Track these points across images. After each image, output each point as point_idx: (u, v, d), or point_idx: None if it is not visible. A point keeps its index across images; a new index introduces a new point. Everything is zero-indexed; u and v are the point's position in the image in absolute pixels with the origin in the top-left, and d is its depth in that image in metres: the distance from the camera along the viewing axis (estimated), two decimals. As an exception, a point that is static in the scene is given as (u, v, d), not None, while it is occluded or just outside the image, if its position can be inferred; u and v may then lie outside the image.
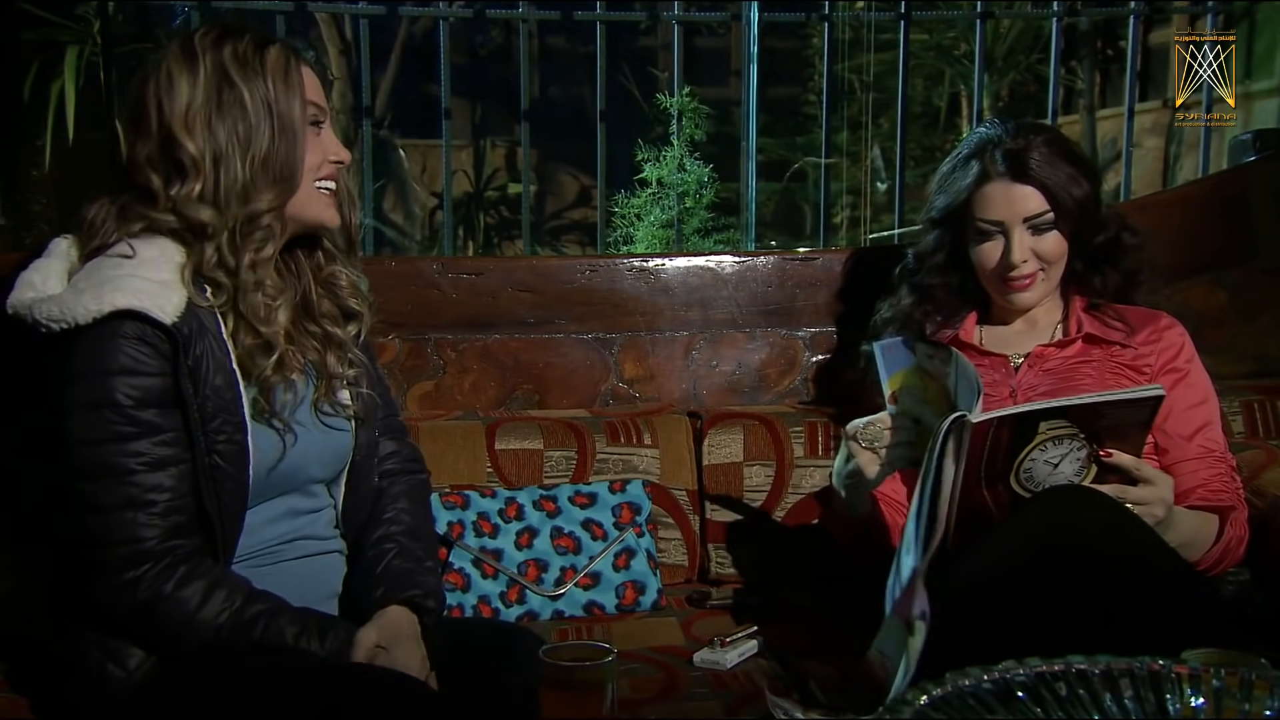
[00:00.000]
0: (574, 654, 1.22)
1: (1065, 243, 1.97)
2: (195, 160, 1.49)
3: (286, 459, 1.54)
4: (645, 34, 10.57)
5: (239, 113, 1.50)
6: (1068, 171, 1.96)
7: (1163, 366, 1.98)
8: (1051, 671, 0.96)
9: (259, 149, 1.51)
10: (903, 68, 3.24)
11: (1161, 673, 0.95)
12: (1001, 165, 1.95)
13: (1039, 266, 1.96)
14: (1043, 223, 1.94)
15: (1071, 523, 1.55)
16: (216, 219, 1.49)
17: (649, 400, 2.43)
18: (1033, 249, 1.95)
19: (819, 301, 2.48)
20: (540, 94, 11.50)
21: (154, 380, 1.43)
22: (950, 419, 1.65)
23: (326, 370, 1.64)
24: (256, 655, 1.45)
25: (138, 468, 1.42)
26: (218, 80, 1.51)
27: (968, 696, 0.92)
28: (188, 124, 1.49)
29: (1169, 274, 2.56)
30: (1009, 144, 1.96)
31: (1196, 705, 0.92)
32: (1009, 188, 1.94)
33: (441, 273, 2.38)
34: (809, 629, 1.97)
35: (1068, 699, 0.94)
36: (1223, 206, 2.64)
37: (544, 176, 11.07)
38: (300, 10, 3.04)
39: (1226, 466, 1.95)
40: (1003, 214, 1.95)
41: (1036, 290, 1.98)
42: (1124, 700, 0.94)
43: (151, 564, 1.42)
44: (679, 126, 3.92)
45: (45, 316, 1.43)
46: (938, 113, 8.54)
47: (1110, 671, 0.96)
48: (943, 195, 2.05)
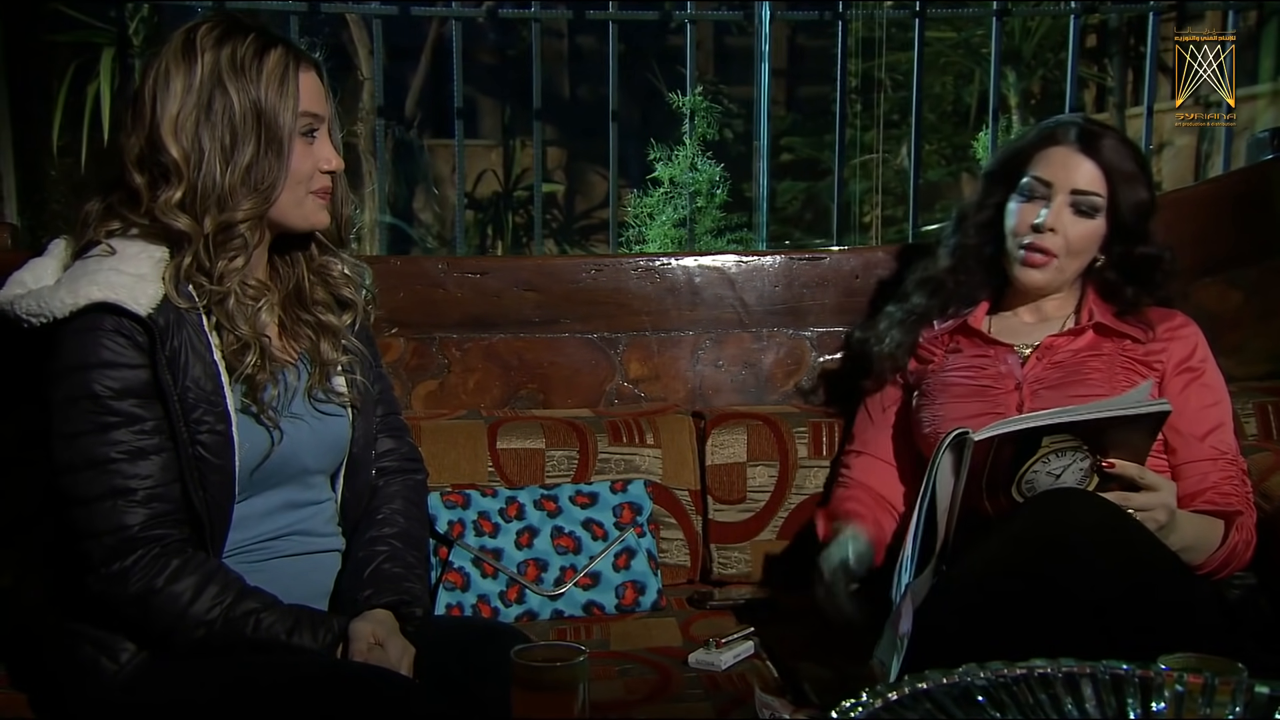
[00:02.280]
0: (546, 655, 1.22)
1: (1101, 239, 1.95)
2: (178, 164, 1.49)
3: (277, 451, 1.55)
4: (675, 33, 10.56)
5: (227, 120, 1.50)
6: (1132, 169, 1.94)
7: (1177, 366, 1.95)
8: (1013, 675, 0.95)
9: (242, 159, 1.51)
10: (917, 65, 3.21)
11: (1124, 677, 0.93)
12: (1074, 135, 1.94)
13: (1061, 248, 1.93)
14: (1088, 204, 1.92)
15: (1063, 524, 1.54)
16: (192, 227, 1.50)
17: (654, 400, 2.42)
18: (1065, 228, 1.92)
19: (826, 301, 2.47)
20: (570, 94, 11.52)
21: (132, 372, 1.45)
22: (950, 435, 1.64)
23: (320, 357, 1.65)
24: (248, 652, 1.47)
25: (118, 457, 1.43)
26: (211, 84, 1.50)
27: (924, 699, 0.91)
28: (175, 127, 1.50)
29: (1184, 273, 2.52)
30: (1085, 125, 1.96)
31: (1157, 709, 0.91)
32: (1071, 154, 1.93)
33: (446, 272, 2.38)
34: (810, 631, 1.96)
35: (1028, 702, 0.93)
36: (1239, 204, 2.59)
37: (573, 176, 11.09)
38: (313, 11, 3.05)
39: (1237, 470, 1.92)
40: (1056, 175, 1.93)
41: (1046, 275, 1.95)
42: (1085, 704, 0.93)
43: (140, 553, 1.44)
44: (691, 125, 3.90)
45: (25, 311, 1.46)
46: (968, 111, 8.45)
47: (1073, 675, 0.94)
48: (1004, 151, 2.06)
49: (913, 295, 2.11)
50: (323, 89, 1.61)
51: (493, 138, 10.84)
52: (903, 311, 2.12)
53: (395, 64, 10.12)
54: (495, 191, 9.84)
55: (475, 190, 10.07)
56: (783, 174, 8.88)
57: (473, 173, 10.76)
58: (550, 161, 11.30)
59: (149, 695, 1.46)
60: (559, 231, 10.55)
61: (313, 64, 1.59)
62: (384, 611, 1.56)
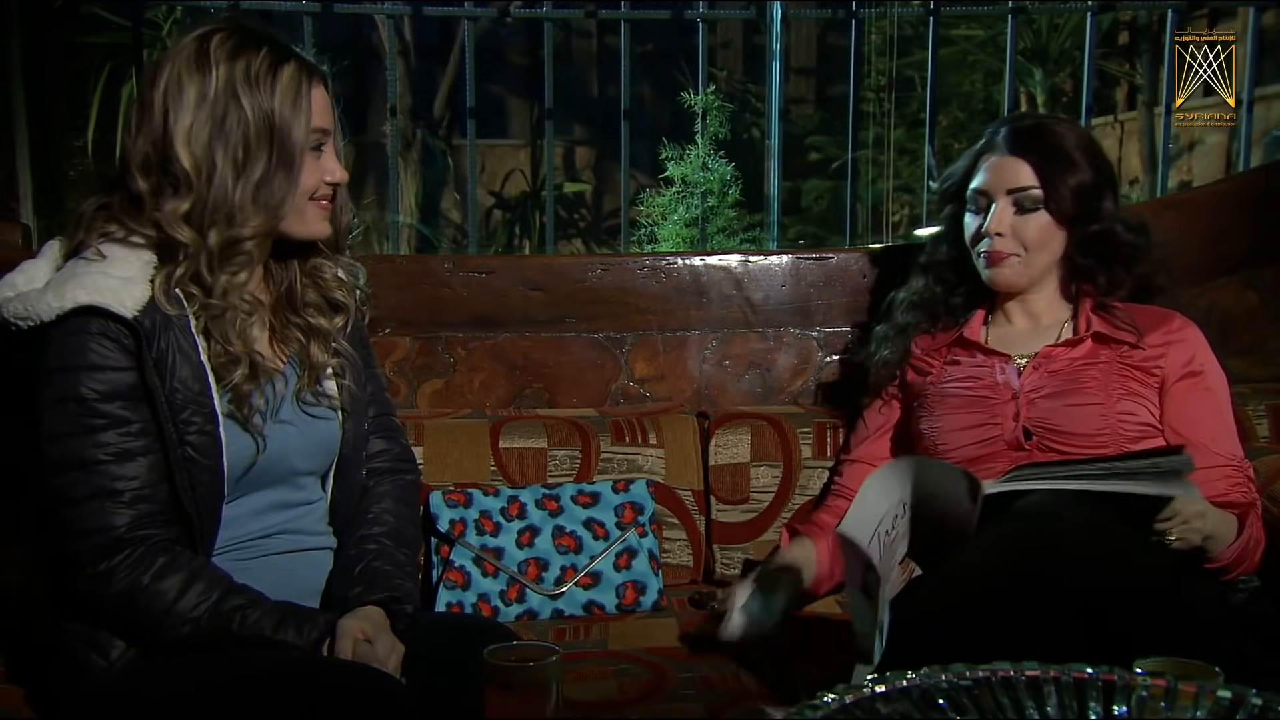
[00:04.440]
0: (519, 655, 1.22)
1: (1056, 230, 1.95)
2: (188, 175, 1.49)
3: (265, 453, 1.56)
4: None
5: (240, 135, 1.50)
6: (1069, 155, 1.94)
7: (1178, 371, 1.93)
8: (975, 677, 0.94)
9: (254, 174, 1.51)
10: (931, 63, 3.19)
11: (1087, 680, 0.93)
12: (1003, 139, 1.98)
13: (1017, 248, 1.95)
14: (1028, 199, 1.94)
15: (1054, 522, 1.52)
16: (194, 240, 1.50)
17: (660, 400, 2.42)
18: (1013, 227, 1.94)
19: (833, 301, 2.46)
20: (599, 93, 11.55)
21: (119, 374, 1.46)
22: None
23: (309, 360, 1.65)
24: (236, 649, 1.47)
25: (105, 458, 1.45)
26: (226, 97, 1.49)
27: (881, 701, 0.91)
28: (189, 138, 1.49)
29: (1198, 274, 2.50)
30: (1018, 124, 2.00)
31: (1119, 713, 0.90)
32: (1003, 159, 1.96)
33: (453, 271, 2.39)
34: (811, 632, 1.95)
35: (989, 705, 0.92)
36: (1255, 204, 2.56)
37: (601, 175, 11.12)
38: (327, 11, 3.07)
39: (1244, 476, 1.90)
40: (991, 184, 1.96)
41: (1013, 271, 1.96)
42: (1046, 708, 0.92)
43: (127, 552, 1.45)
44: (704, 125, 3.89)
45: (12, 314, 1.47)
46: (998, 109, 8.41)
47: (1035, 679, 0.94)
48: (952, 169, 2.10)
49: (896, 313, 2.14)
50: (329, 102, 1.60)
51: (521, 137, 10.90)
52: (890, 328, 2.14)
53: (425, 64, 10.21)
54: (523, 191, 9.90)
55: (504, 190, 10.13)
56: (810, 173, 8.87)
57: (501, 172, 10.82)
58: (579, 161, 11.34)
59: (139, 692, 1.47)
60: (586, 230, 10.60)
61: (321, 77, 1.59)
62: (374, 608, 1.57)
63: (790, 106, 10.91)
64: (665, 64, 9.64)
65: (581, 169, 11.20)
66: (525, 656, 1.21)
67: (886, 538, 1.52)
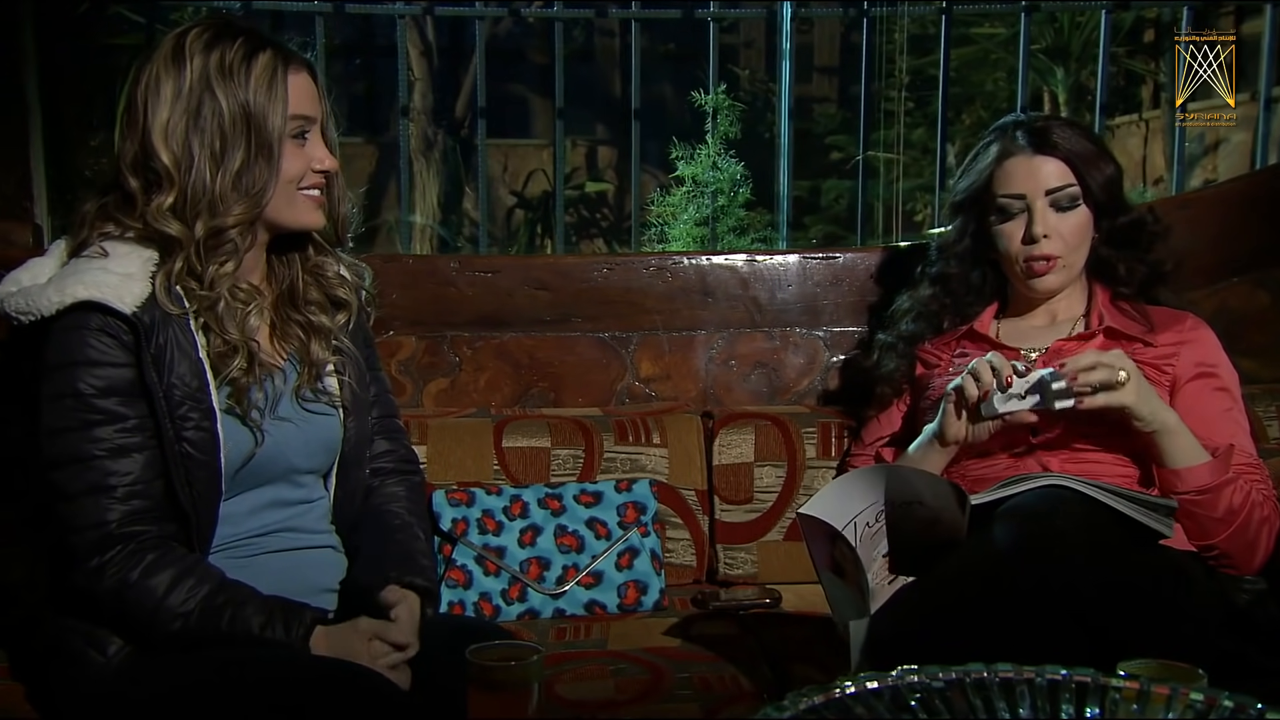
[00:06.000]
0: (502, 654, 1.22)
1: (1090, 224, 1.94)
2: (169, 170, 1.51)
3: (263, 449, 1.57)
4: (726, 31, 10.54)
5: (216, 125, 1.51)
6: (1092, 149, 1.94)
7: (1192, 371, 1.91)
8: (948, 679, 0.94)
9: (232, 164, 1.52)
10: (943, 61, 3.18)
11: (1060, 683, 0.92)
12: (1023, 140, 1.95)
13: (1062, 248, 1.92)
14: (1066, 198, 1.92)
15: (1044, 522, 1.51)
16: (183, 232, 1.51)
17: (665, 399, 2.42)
18: (1056, 228, 1.92)
19: (840, 300, 2.45)
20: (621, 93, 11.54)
21: (117, 370, 1.47)
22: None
23: (309, 357, 1.66)
24: (229, 647, 1.48)
25: (100, 454, 1.46)
26: (200, 89, 1.51)
27: (852, 702, 0.91)
28: (166, 133, 1.51)
29: (1209, 273, 2.48)
30: (1029, 123, 1.97)
31: (1090, 715, 0.90)
32: (1030, 159, 1.93)
33: (459, 271, 2.40)
34: (810, 632, 1.95)
35: (961, 706, 0.92)
36: (1267, 204, 2.54)
37: (624, 175, 11.11)
38: (339, 11, 3.08)
39: (1262, 475, 1.88)
40: (1025, 186, 1.93)
41: (1058, 276, 1.95)
42: (1019, 709, 0.91)
43: (118, 548, 1.46)
44: (714, 124, 3.89)
45: (14, 309, 1.49)
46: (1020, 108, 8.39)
47: (1009, 680, 0.93)
48: (965, 178, 2.04)
49: (900, 322, 2.12)
50: (315, 89, 1.61)
51: (545, 137, 10.90)
52: (893, 337, 2.13)
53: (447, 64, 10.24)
54: (545, 191, 9.92)
55: (525, 189, 10.15)
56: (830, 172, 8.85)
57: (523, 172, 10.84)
58: (601, 160, 11.35)
59: (136, 688, 1.48)
60: (609, 230, 10.61)
61: (304, 65, 1.60)
62: (417, 598, 1.59)
63: (813, 105, 10.88)
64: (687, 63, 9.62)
65: (604, 168, 11.20)
66: (507, 656, 1.21)
67: (868, 530, 1.51)
